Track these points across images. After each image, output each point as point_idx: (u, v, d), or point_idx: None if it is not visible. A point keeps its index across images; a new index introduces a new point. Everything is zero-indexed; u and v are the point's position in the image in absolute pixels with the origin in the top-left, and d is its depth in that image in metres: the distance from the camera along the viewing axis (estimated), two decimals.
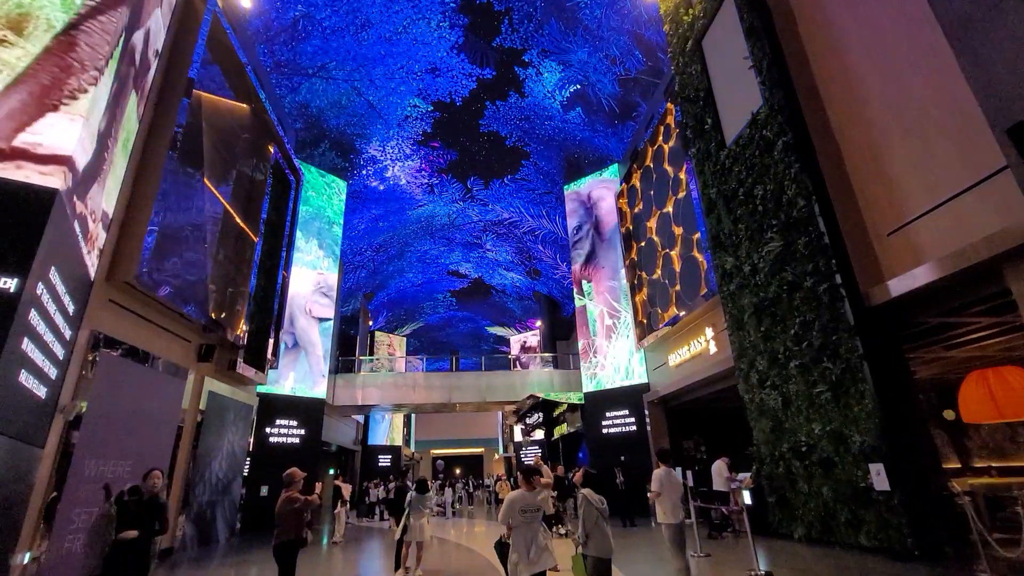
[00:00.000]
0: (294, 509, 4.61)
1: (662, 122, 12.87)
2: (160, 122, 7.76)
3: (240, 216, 11.03)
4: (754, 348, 8.06)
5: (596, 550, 3.74)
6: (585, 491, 3.91)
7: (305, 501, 4.71)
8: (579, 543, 3.85)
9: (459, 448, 46.49)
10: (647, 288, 13.93)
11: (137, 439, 7.53)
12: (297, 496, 4.69)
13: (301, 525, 4.66)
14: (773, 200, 7.54)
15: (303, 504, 4.67)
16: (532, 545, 3.64)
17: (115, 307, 7.10)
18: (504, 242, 27.43)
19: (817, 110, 7.34)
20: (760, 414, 7.92)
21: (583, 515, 3.83)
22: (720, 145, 9.19)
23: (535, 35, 15.41)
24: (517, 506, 3.74)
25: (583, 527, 3.82)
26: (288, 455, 13.68)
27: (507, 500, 3.86)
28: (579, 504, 3.89)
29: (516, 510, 3.74)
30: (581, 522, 3.83)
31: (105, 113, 5.60)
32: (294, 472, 4.89)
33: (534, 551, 3.64)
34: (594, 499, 3.85)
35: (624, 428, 14.32)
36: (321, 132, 17.26)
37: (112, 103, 5.81)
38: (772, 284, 7.54)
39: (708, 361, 10.76)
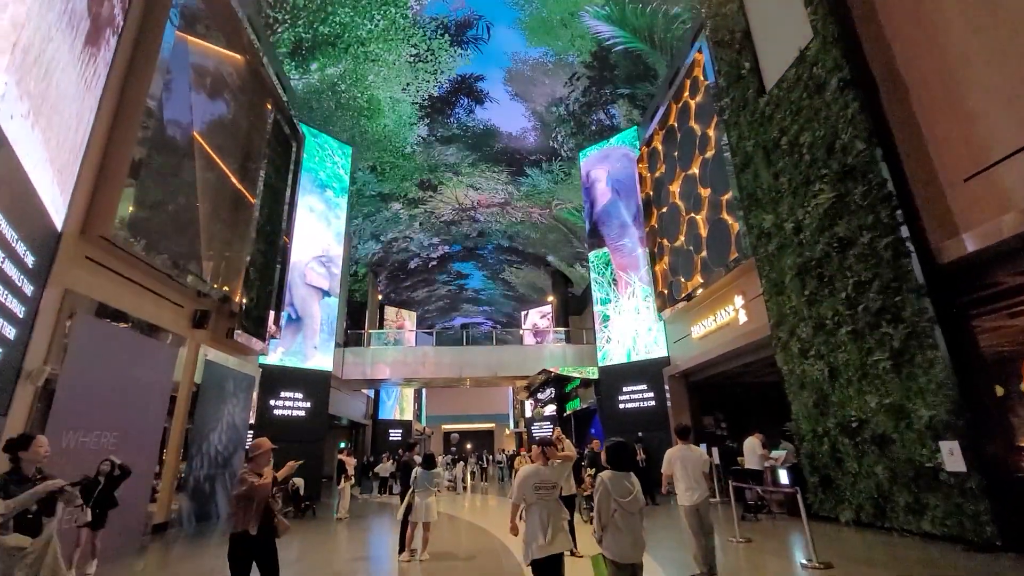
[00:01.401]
0: (241, 494, 3.49)
1: (688, 75, 11.86)
2: (140, 56, 7.02)
3: (237, 177, 10.35)
4: (796, 314, 7.28)
5: (612, 551, 3.05)
6: (604, 474, 3.21)
7: (252, 486, 3.48)
8: (596, 538, 3.19)
9: (470, 423, 46.51)
10: (669, 256, 13.09)
11: (124, 410, 7.01)
12: (246, 477, 3.54)
13: (254, 514, 3.46)
14: (824, 147, 6.65)
15: (248, 490, 3.46)
16: (548, 525, 3.21)
17: (93, 265, 6.49)
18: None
19: (878, 40, 6.39)
20: (801, 387, 7.18)
21: (598, 504, 3.14)
22: (759, 92, 8.25)
23: None
24: (531, 482, 3.33)
25: (597, 520, 3.14)
26: (294, 428, 13.26)
27: (519, 475, 3.43)
28: (595, 491, 3.20)
29: (530, 486, 3.33)
30: (596, 512, 3.15)
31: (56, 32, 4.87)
32: (258, 443, 3.77)
33: (550, 531, 3.19)
34: (614, 484, 3.14)
35: (642, 403, 13.67)
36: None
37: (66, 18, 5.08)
38: (820, 242, 6.71)
39: (737, 332, 9.99)
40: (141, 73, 7.00)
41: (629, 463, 3.29)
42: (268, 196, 11.84)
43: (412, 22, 15.95)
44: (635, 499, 3.08)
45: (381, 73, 17.31)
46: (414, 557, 5.86)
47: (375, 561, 6.38)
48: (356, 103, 18.29)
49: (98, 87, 5.91)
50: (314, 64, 16.09)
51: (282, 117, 12.36)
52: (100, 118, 6.31)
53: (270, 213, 11.97)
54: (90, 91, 5.68)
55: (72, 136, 5.34)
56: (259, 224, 10.99)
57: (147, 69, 7.03)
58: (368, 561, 6.38)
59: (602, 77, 16.66)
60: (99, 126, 6.32)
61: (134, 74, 6.93)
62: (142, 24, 7.13)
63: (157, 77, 7.08)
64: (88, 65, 5.46)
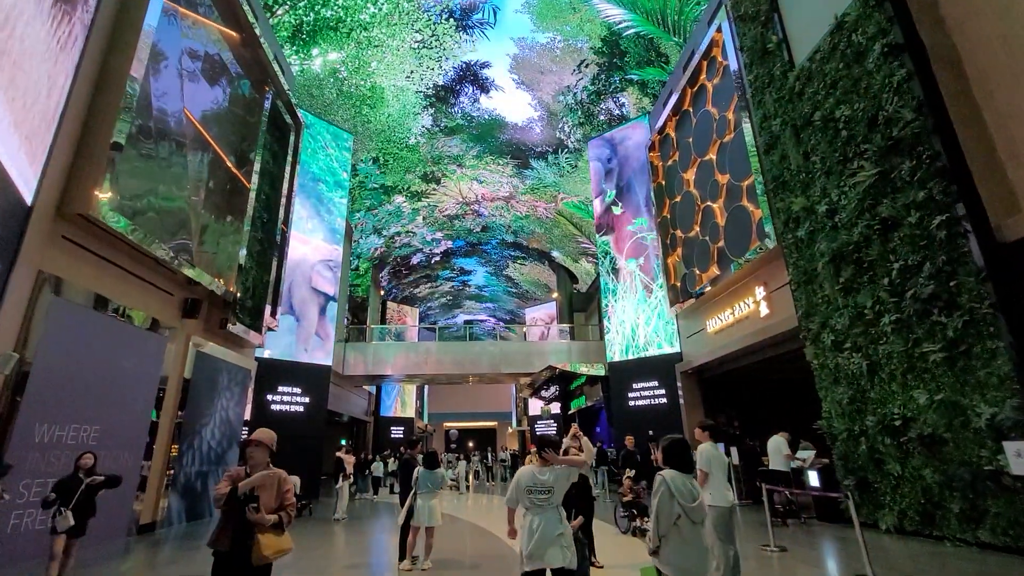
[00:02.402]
0: (215, 499, 2.75)
1: (705, 56, 11.30)
2: (125, 22, 6.52)
3: (231, 161, 9.85)
4: (828, 304, 6.74)
5: (674, 565, 2.54)
6: (666, 472, 2.71)
7: (217, 490, 2.73)
8: (649, 550, 2.68)
9: (472, 421, 46.06)
10: (682, 248, 12.56)
11: (106, 402, 6.53)
12: (233, 473, 2.82)
13: (227, 526, 2.69)
14: (864, 121, 6.11)
15: (217, 494, 2.70)
16: (536, 534, 2.85)
17: (71, 246, 6.00)
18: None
19: (926, 2, 5.85)
20: (834, 382, 6.65)
21: (656, 509, 2.64)
22: (788, 66, 7.71)
23: None
24: (523, 484, 3.01)
25: (655, 527, 2.63)
26: (292, 424, 12.80)
27: (515, 476, 3.09)
28: (655, 491, 2.69)
29: (522, 488, 3.01)
30: (653, 519, 2.65)
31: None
32: (257, 436, 2.94)
33: (536, 542, 2.83)
34: (679, 486, 2.64)
35: (653, 400, 13.15)
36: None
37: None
38: (859, 224, 6.17)
39: (757, 325, 9.46)
40: (125, 39, 6.51)
41: (688, 463, 2.79)
42: (265, 183, 11.34)
43: (416, 5, 15.42)
44: (700, 506, 2.58)
45: (384, 59, 16.79)
46: (416, 565, 5.36)
47: (374, 569, 5.88)
48: (358, 91, 17.79)
49: (75, 50, 5.41)
50: (315, 49, 15.60)
51: (280, 101, 11.85)
52: (80, 88, 5.82)
53: (268, 200, 11.48)
54: (65, 52, 5.18)
55: (44, 101, 4.84)
56: (256, 211, 10.50)
57: (131, 35, 6.53)
58: (366, 569, 5.88)
59: (612, 63, 16.12)
60: (78, 96, 5.83)
61: (118, 40, 6.44)
62: None
63: (143, 44, 6.58)
64: (61, 23, 4.97)
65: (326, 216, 15.39)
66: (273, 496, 2.85)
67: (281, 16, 14.12)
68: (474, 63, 17.27)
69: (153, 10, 6.78)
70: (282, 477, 2.93)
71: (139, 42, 6.52)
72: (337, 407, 19.64)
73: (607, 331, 15.31)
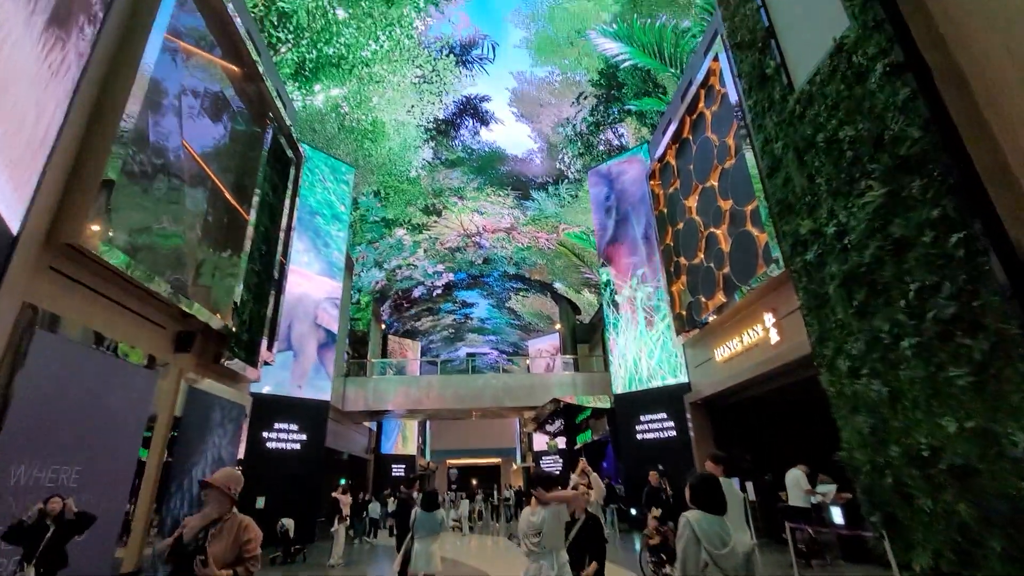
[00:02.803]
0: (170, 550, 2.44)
1: (703, 85, 11.40)
2: (124, 52, 6.54)
3: (231, 194, 9.81)
4: (843, 328, 6.48)
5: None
6: (691, 514, 2.42)
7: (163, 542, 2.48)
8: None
9: (476, 458, 44.94)
10: (686, 275, 12.38)
11: (90, 441, 6.24)
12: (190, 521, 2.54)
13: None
14: (869, 141, 6.00)
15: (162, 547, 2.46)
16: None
17: (58, 277, 5.84)
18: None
19: (925, 23, 5.82)
20: (853, 411, 6.31)
21: (681, 556, 2.35)
22: (787, 90, 7.68)
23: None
24: (521, 528, 2.94)
25: (681, 574, 2.34)
26: (288, 462, 12.38)
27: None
28: (679, 535, 2.40)
29: (521, 532, 2.92)
30: (679, 567, 2.36)
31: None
32: (210, 478, 2.62)
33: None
34: (706, 529, 2.36)
35: (662, 433, 12.71)
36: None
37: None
38: (869, 246, 5.97)
39: (767, 353, 9.17)
40: (123, 73, 6.52)
41: (720, 503, 2.50)
42: (265, 215, 11.30)
43: (417, 43, 15.79)
44: (733, 552, 2.28)
45: (386, 95, 17.08)
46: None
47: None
48: (360, 126, 18.03)
49: (67, 78, 5.38)
50: (317, 85, 15.88)
51: (282, 134, 11.93)
52: (74, 118, 5.77)
53: (267, 233, 11.40)
54: (57, 80, 5.14)
55: (31, 128, 4.76)
56: (254, 244, 10.40)
57: (129, 69, 6.55)
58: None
59: (609, 95, 16.35)
60: (72, 126, 5.78)
61: (116, 73, 6.45)
62: (128, 18, 6.69)
63: (140, 79, 6.59)
64: (53, 49, 4.95)
65: (323, 249, 15.33)
66: (228, 546, 2.45)
67: (284, 53, 14.42)
68: (474, 97, 17.58)
69: (153, 45, 6.83)
70: (243, 525, 2.53)
71: (136, 76, 6.53)
72: (336, 444, 19.12)
73: (610, 366, 15.03)
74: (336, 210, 15.93)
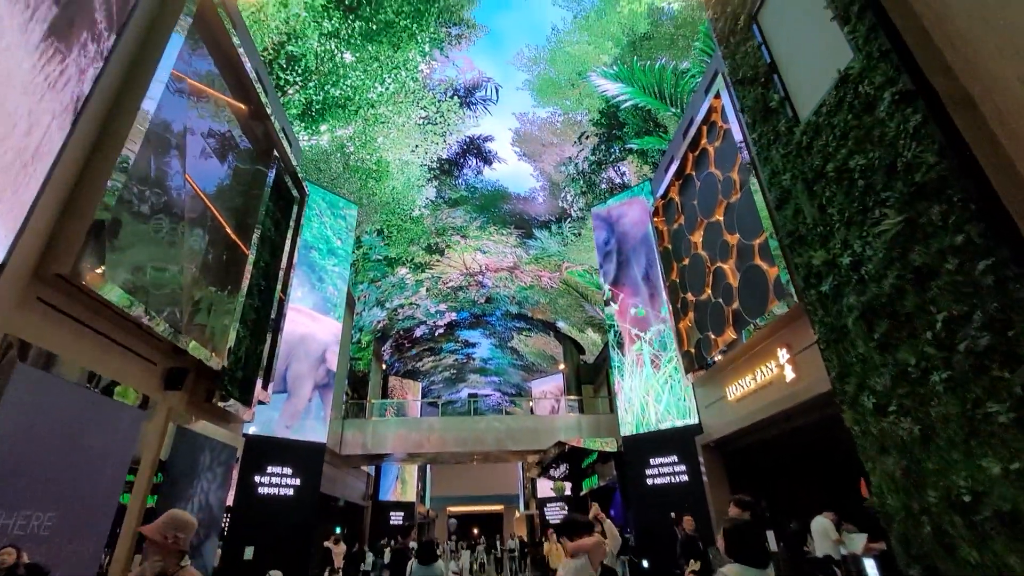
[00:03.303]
0: None
1: (705, 122, 11.48)
2: (129, 83, 6.56)
3: (232, 228, 9.72)
4: (864, 363, 6.16)
5: None
6: (730, 570, 2.08)
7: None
8: None
9: (477, 505, 43.34)
10: (694, 311, 12.11)
11: (68, 484, 5.85)
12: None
13: None
14: (882, 169, 5.86)
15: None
16: None
17: (46, 309, 5.61)
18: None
19: (930, 51, 5.79)
20: (881, 452, 5.91)
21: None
22: (792, 122, 7.65)
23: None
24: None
25: None
26: (281, 508, 11.77)
27: None
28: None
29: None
30: None
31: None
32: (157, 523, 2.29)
33: None
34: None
35: (674, 478, 12.11)
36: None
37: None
38: (889, 275, 5.74)
39: (783, 391, 8.78)
40: (126, 106, 6.51)
41: (762, 554, 2.15)
42: (266, 251, 11.19)
43: (422, 85, 16.15)
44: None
45: (390, 135, 17.35)
46: None
47: None
48: (364, 165, 18.23)
49: (66, 93, 5.33)
50: (323, 125, 16.14)
51: (286, 171, 11.98)
52: (73, 144, 5.71)
53: (267, 269, 11.26)
54: (54, 92, 5.09)
55: (20, 137, 4.64)
56: (253, 278, 10.23)
57: (133, 102, 6.55)
58: None
59: (611, 134, 16.57)
60: (71, 156, 5.70)
61: (119, 106, 6.45)
62: (134, 53, 6.75)
63: (143, 116, 6.58)
64: (51, 60, 4.91)
65: (317, 284, 15.16)
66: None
67: (292, 95, 14.72)
68: (477, 137, 17.85)
69: (159, 79, 6.86)
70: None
71: (140, 109, 6.52)
72: (332, 490, 18.37)
73: (616, 408, 14.56)
74: (332, 244, 15.85)
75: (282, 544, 11.25)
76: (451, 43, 15.29)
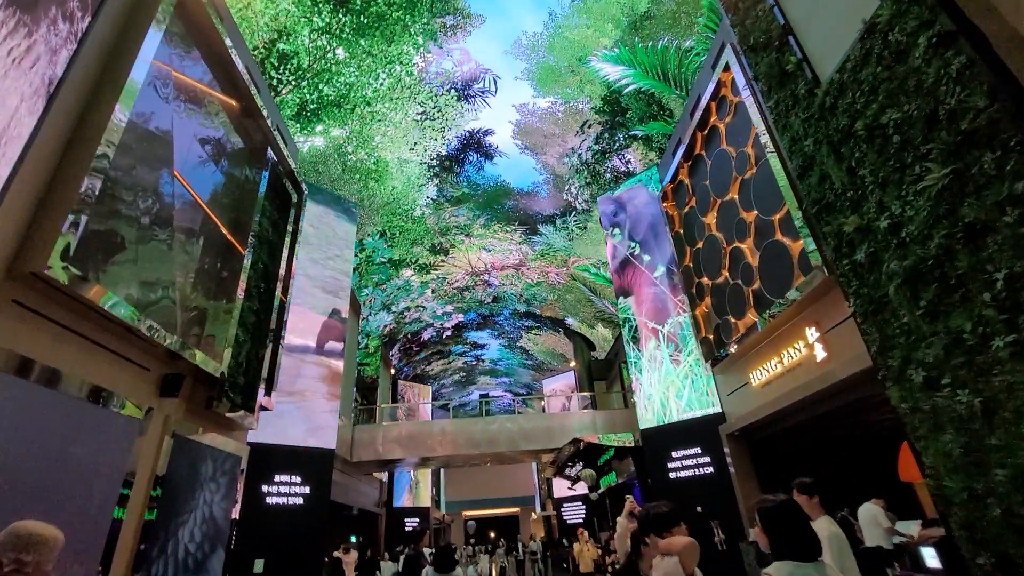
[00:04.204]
0: None
1: (714, 98, 11.01)
2: (112, 74, 6.17)
3: (226, 227, 9.34)
4: (910, 333, 5.65)
5: None
6: (777, 569, 1.64)
7: None
8: None
9: (492, 508, 42.84)
10: (711, 296, 11.61)
11: (51, 497, 5.44)
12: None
13: None
14: (921, 121, 5.37)
15: None
16: None
17: (23, 312, 5.21)
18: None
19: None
20: (935, 429, 5.40)
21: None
22: (812, 84, 7.17)
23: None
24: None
25: None
26: (290, 518, 11.36)
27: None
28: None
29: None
30: None
31: None
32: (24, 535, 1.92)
33: None
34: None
35: (697, 470, 11.60)
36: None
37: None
38: (935, 235, 5.24)
39: (813, 372, 8.28)
40: (105, 97, 6.13)
41: (814, 545, 1.70)
42: (264, 252, 10.80)
43: (418, 79, 15.77)
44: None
45: (388, 133, 16.97)
46: None
47: None
48: (363, 166, 17.86)
49: (35, 74, 4.96)
50: (319, 126, 15.78)
51: (282, 169, 11.60)
52: (46, 136, 5.32)
53: (266, 270, 10.87)
54: (18, 70, 4.71)
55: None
56: (252, 280, 9.84)
57: (111, 94, 6.16)
58: None
59: (614, 122, 16.12)
60: (43, 145, 5.31)
61: (99, 87, 6.07)
62: (116, 32, 6.37)
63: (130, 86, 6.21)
64: (14, 33, 4.53)
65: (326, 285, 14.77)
66: None
67: (285, 95, 14.36)
68: (477, 131, 17.45)
69: (140, 66, 6.48)
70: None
71: (120, 99, 6.14)
72: (345, 498, 17.96)
73: (633, 404, 14.04)
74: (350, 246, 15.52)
75: (293, 555, 10.83)
76: (446, 34, 14.93)
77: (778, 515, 1.84)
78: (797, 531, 1.85)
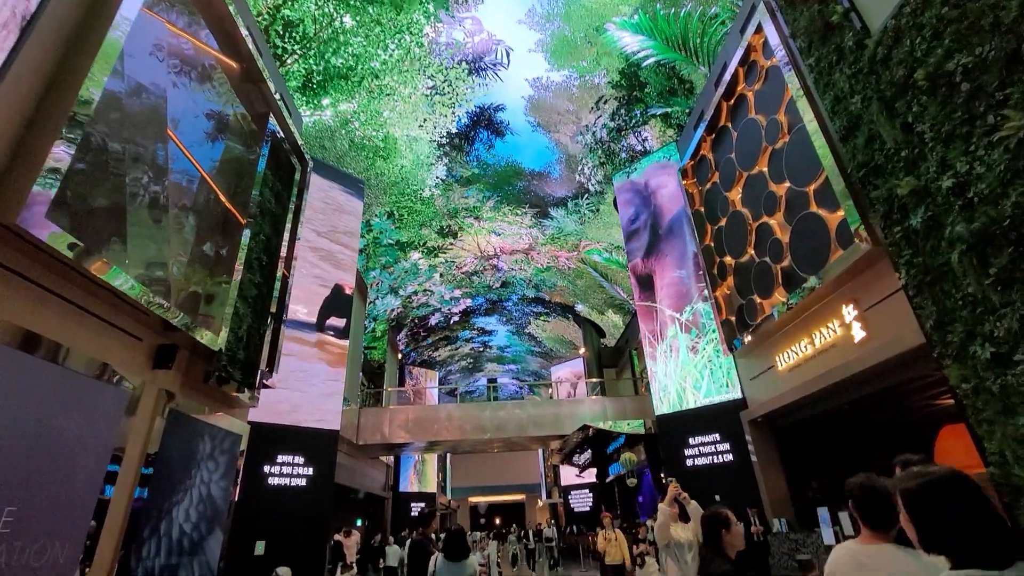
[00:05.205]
0: None
1: (743, 63, 10.32)
2: (95, 16, 5.66)
3: (226, 195, 8.86)
4: (975, 305, 5.08)
5: None
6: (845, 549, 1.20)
7: None
8: None
9: (498, 495, 42.71)
10: (733, 276, 11.01)
11: (30, 473, 5.02)
12: None
13: None
14: (997, 64, 4.75)
15: None
16: None
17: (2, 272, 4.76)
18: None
19: None
20: (1004, 412, 4.84)
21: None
22: (862, 35, 6.53)
23: None
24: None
25: None
26: (293, 500, 11.01)
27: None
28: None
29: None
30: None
31: None
32: None
33: None
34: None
35: (716, 457, 11.09)
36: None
37: None
38: (1012, 192, 4.64)
39: (850, 354, 7.70)
40: (90, 28, 5.62)
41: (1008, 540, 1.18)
42: (266, 223, 10.32)
43: (428, 51, 15.13)
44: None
45: (396, 108, 16.37)
46: None
47: None
48: (371, 143, 17.28)
49: (3, 8, 4.45)
50: (326, 99, 15.22)
51: (285, 137, 11.09)
52: (19, 73, 4.83)
53: (268, 243, 10.40)
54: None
55: None
56: (253, 252, 9.38)
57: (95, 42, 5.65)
58: None
59: (631, 97, 15.42)
60: (19, 84, 4.83)
61: (82, 28, 5.56)
62: None
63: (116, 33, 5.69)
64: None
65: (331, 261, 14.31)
66: None
67: (291, 66, 13.81)
68: (488, 106, 16.82)
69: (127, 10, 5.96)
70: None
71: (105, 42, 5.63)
72: (352, 481, 17.67)
73: (649, 390, 13.53)
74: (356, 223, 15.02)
75: (296, 538, 10.49)
76: (457, 1, 14.27)
77: (865, 493, 1.32)
78: (884, 506, 1.34)
